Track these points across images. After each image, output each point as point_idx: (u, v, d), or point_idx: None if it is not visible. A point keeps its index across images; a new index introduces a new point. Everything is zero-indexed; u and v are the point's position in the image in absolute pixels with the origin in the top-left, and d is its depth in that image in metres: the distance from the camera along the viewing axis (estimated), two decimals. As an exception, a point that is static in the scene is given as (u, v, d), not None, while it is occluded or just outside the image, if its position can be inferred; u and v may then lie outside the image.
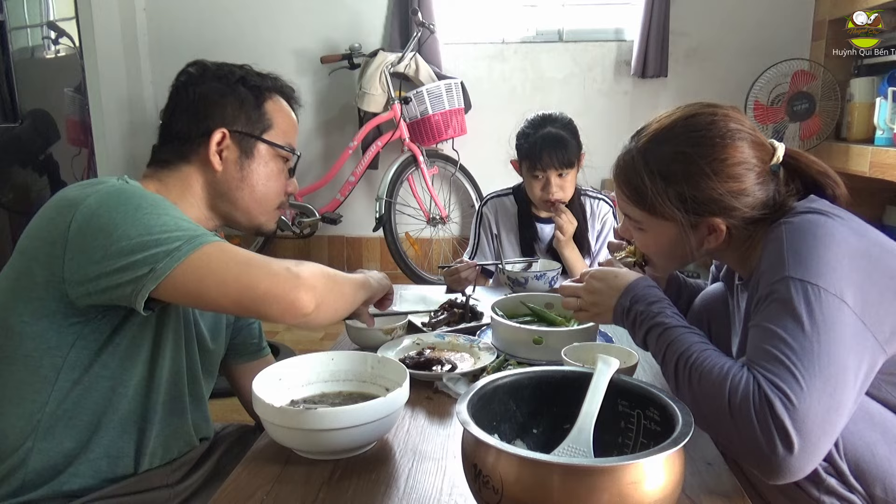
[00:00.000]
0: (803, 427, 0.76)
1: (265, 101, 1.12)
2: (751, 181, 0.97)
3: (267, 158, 1.10)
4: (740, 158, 0.96)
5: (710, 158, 0.95)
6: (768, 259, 0.90)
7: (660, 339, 0.92)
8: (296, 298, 0.88)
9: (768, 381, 0.78)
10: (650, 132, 1.01)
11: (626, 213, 1.07)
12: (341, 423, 0.88)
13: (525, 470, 0.67)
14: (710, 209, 0.97)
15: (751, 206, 0.97)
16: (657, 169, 0.98)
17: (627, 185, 1.03)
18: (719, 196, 0.96)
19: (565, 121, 1.92)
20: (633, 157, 1.01)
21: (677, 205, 0.97)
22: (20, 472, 0.97)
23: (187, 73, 1.11)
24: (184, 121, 1.08)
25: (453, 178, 3.75)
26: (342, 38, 3.76)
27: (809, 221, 0.90)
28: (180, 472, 1.11)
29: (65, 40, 3.28)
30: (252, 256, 0.91)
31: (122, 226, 0.88)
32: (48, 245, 0.91)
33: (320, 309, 0.91)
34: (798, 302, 0.82)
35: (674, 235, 1.01)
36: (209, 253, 0.89)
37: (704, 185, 0.96)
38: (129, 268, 0.87)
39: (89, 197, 0.92)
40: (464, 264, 1.78)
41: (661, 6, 3.51)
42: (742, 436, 0.79)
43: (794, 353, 0.79)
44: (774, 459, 0.77)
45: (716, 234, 0.99)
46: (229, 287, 0.88)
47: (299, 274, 0.89)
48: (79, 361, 0.97)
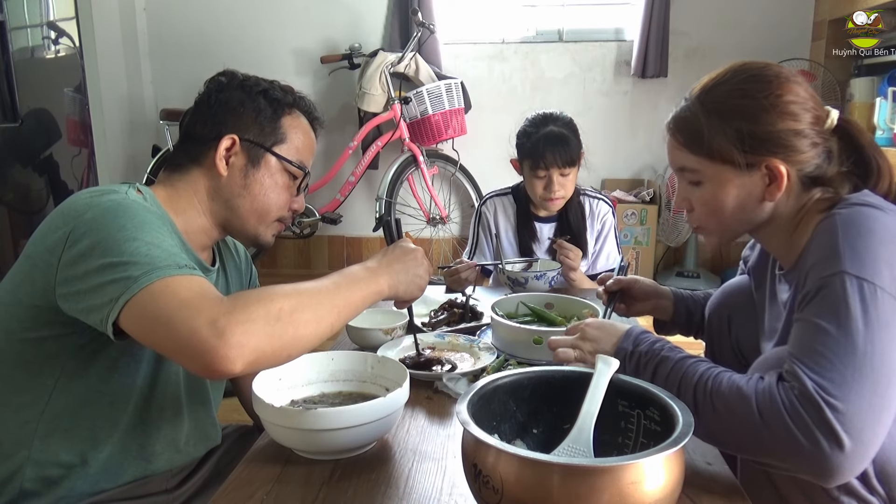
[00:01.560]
0: (853, 426, 0.74)
1: (283, 116, 1.11)
2: (807, 122, 0.94)
3: (273, 171, 1.10)
4: (796, 97, 0.94)
5: (767, 93, 0.94)
6: (820, 250, 0.87)
7: (670, 375, 0.89)
8: (212, 361, 0.76)
9: (814, 381, 0.76)
10: (704, 82, 1.00)
11: (683, 166, 1.02)
12: (341, 423, 0.88)
13: (525, 470, 0.67)
14: (769, 147, 0.93)
15: (807, 158, 0.94)
16: (713, 108, 0.96)
17: (683, 132, 1.00)
18: (777, 132, 0.93)
19: (566, 119, 1.92)
20: (689, 105, 1.00)
21: (735, 143, 0.94)
22: (15, 481, 0.97)
23: (216, 80, 1.12)
24: (200, 124, 1.09)
25: (453, 178, 3.75)
26: (342, 38, 3.76)
27: (865, 215, 0.87)
28: (179, 476, 1.11)
29: (65, 40, 3.28)
30: (187, 301, 0.80)
31: (102, 247, 0.86)
32: (47, 253, 0.91)
33: (260, 362, 0.80)
34: (853, 299, 0.79)
35: (733, 185, 0.97)
36: (154, 290, 0.81)
37: (762, 119, 0.93)
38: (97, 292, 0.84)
39: (89, 210, 0.91)
40: (464, 264, 1.78)
41: (661, 6, 3.51)
42: (782, 444, 0.76)
43: (846, 352, 0.77)
44: (822, 459, 0.74)
45: (776, 184, 0.95)
46: (157, 332, 0.80)
47: (224, 331, 0.76)
48: (76, 372, 0.97)
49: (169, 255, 0.86)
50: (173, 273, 0.83)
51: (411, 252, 1.02)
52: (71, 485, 0.99)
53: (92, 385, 0.98)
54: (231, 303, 0.80)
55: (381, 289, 0.95)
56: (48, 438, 0.97)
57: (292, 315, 0.82)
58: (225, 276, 1.22)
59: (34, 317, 0.94)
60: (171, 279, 0.82)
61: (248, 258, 1.33)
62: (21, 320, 0.95)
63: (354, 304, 0.91)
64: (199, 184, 1.08)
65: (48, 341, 0.95)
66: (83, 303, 0.86)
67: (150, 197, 1.03)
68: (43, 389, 0.97)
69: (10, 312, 0.96)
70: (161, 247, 0.87)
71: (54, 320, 0.92)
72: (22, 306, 0.95)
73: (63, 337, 0.94)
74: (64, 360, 0.96)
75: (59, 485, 0.98)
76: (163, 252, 0.86)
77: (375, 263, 0.98)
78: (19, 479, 0.97)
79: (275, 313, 0.80)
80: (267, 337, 0.79)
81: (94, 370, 0.98)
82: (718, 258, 3.85)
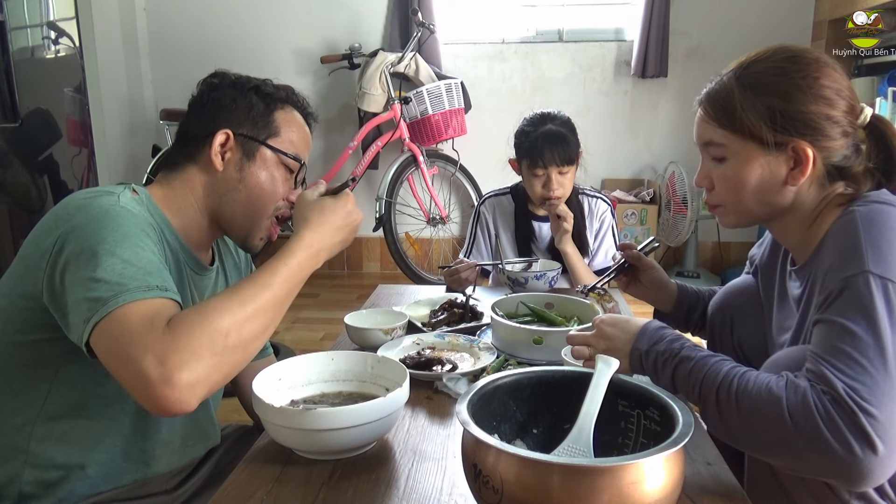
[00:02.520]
0: (887, 431, 0.72)
1: (276, 110, 1.12)
2: (840, 110, 0.93)
3: (269, 164, 1.10)
4: (833, 83, 0.93)
5: (804, 74, 0.93)
6: (839, 248, 0.86)
7: (691, 375, 0.86)
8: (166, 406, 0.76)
9: (845, 385, 0.75)
10: (741, 59, 1.00)
11: (710, 139, 1.00)
12: (341, 423, 0.88)
13: (525, 470, 0.67)
14: (798, 128, 0.92)
15: (836, 146, 0.93)
16: (748, 83, 0.95)
17: (714, 105, 0.99)
18: (809, 113, 0.92)
19: (564, 118, 1.93)
20: (726, 79, 0.99)
21: (766, 119, 0.93)
22: (14, 485, 0.97)
23: (208, 81, 1.13)
24: (195, 123, 1.10)
25: (453, 178, 3.75)
26: (342, 38, 3.76)
27: (886, 213, 0.85)
28: (179, 476, 1.11)
29: (65, 40, 3.28)
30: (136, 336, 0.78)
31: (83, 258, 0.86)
32: (39, 256, 0.91)
33: (213, 390, 0.81)
34: (880, 300, 0.78)
35: (758, 164, 0.96)
36: (115, 318, 0.80)
37: (796, 98, 0.92)
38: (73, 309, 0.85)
39: (78, 215, 0.91)
40: (464, 264, 1.78)
41: (661, 6, 3.51)
42: (813, 448, 0.74)
43: (875, 354, 0.76)
44: (855, 464, 0.72)
45: (801, 168, 0.93)
46: (112, 367, 0.80)
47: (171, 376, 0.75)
48: (70, 375, 0.97)
49: (142, 274, 0.85)
50: (137, 297, 0.82)
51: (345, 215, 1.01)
52: (70, 487, 0.98)
53: (88, 388, 0.98)
54: (173, 336, 0.78)
55: (318, 265, 0.97)
56: (45, 441, 0.97)
57: (241, 333, 0.82)
58: (224, 276, 1.22)
59: (27, 319, 0.94)
60: (131, 305, 0.81)
61: (248, 257, 1.33)
62: (15, 322, 0.95)
63: (294, 290, 0.92)
64: (195, 181, 1.09)
65: (42, 344, 0.95)
66: (65, 318, 0.87)
67: (146, 198, 1.03)
68: (38, 392, 0.96)
69: (5, 314, 0.96)
70: (136, 264, 0.86)
71: (47, 323, 0.92)
72: (16, 308, 0.95)
73: (56, 340, 0.93)
74: (58, 364, 0.96)
75: (58, 487, 0.98)
76: (136, 270, 0.85)
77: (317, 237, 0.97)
78: (18, 483, 0.97)
79: (221, 339, 0.80)
80: (216, 367, 0.80)
81: (89, 373, 0.97)
82: (718, 258, 3.85)
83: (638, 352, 0.92)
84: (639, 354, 0.92)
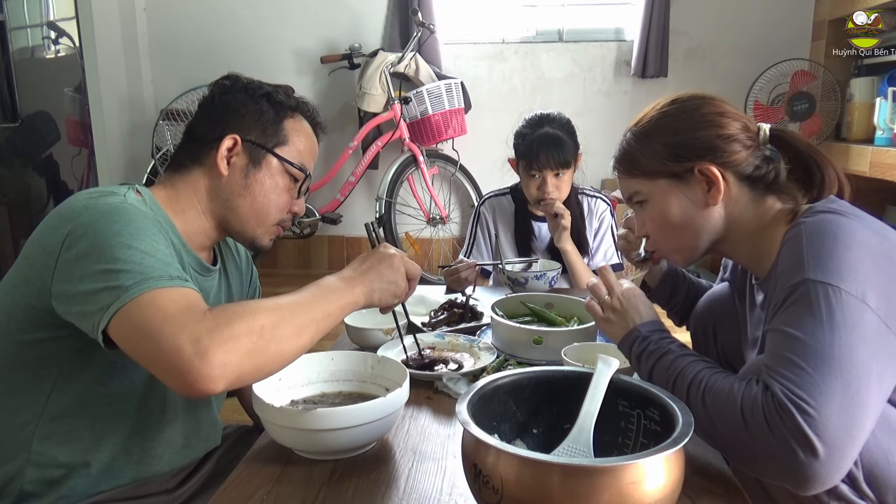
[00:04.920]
0: (826, 432, 0.73)
1: (285, 118, 1.12)
2: (735, 129, 0.99)
3: (274, 172, 1.10)
4: (715, 109, 1.00)
5: (685, 108, 1.02)
6: (786, 260, 0.89)
7: (669, 369, 0.90)
8: (194, 381, 0.76)
9: (784, 388, 0.76)
10: (636, 118, 1.09)
11: (627, 191, 1.08)
12: (341, 423, 0.88)
13: (525, 470, 0.67)
14: (696, 153, 0.99)
15: (740, 158, 0.98)
16: (641, 133, 1.05)
17: (621, 162, 1.08)
18: (700, 139, 0.99)
19: (563, 120, 1.92)
20: (625, 139, 1.08)
21: (664, 156, 1.01)
22: (16, 483, 0.97)
23: (220, 83, 1.13)
24: (203, 125, 1.10)
25: (453, 178, 3.75)
26: (342, 38, 3.76)
27: (829, 222, 0.88)
28: (179, 476, 1.10)
29: (65, 40, 3.28)
30: (171, 316, 0.79)
31: (97, 251, 0.86)
32: (45, 255, 0.91)
33: (241, 380, 0.80)
34: (818, 305, 0.80)
35: (674, 196, 1.01)
36: (141, 302, 0.80)
37: (683, 129, 1.00)
38: (89, 299, 0.84)
39: (87, 213, 0.91)
40: (463, 264, 1.78)
41: (661, 6, 3.51)
42: (761, 449, 0.77)
43: (814, 357, 0.77)
44: (798, 467, 0.74)
45: (716, 188, 0.98)
46: (142, 346, 0.80)
47: (206, 351, 0.76)
48: (73, 374, 0.97)
49: (162, 265, 0.86)
50: (164, 284, 0.83)
51: (387, 258, 0.99)
52: (71, 485, 0.99)
53: (90, 387, 0.98)
54: (214, 319, 0.79)
55: (357, 299, 0.94)
56: (48, 440, 0.97)
57: (274, 331, 0.81)
58: (226, 277, 1.22)
59: (31, 318, 0.94)
60: (159, 291, 0.82)
61: (249, 258, 1.33)
62: (18, 322, 0.95)
63: (332, 315, 0.90)
64: (199, 183, 1.09)
65: (45, 343, 0.95)
66: (76, 307, 0.86)
67: (149, 199, 1.03)
68: (41, 391, 0.96)
69: (8, 314, 0.96)
70: (154, 255, 0.87)
71: (50, 322, 0.92)
72: (19, 308, 0.94)
73: (60, 339, 0.94)
74: (61, 363, 0.96)
75: (60, 486, 0.98)
76: (156, 261, 0.86)
77: (351, 272, 0.96)
78: (20, 482, 0.97)
79: (257, 331, 0.80)
80: (249, 354, 0.79)
81: (91, 372, 0.97)
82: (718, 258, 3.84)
83: (637, 333, 0.98)
84: (636, 336, 0.98)
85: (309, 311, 0.87)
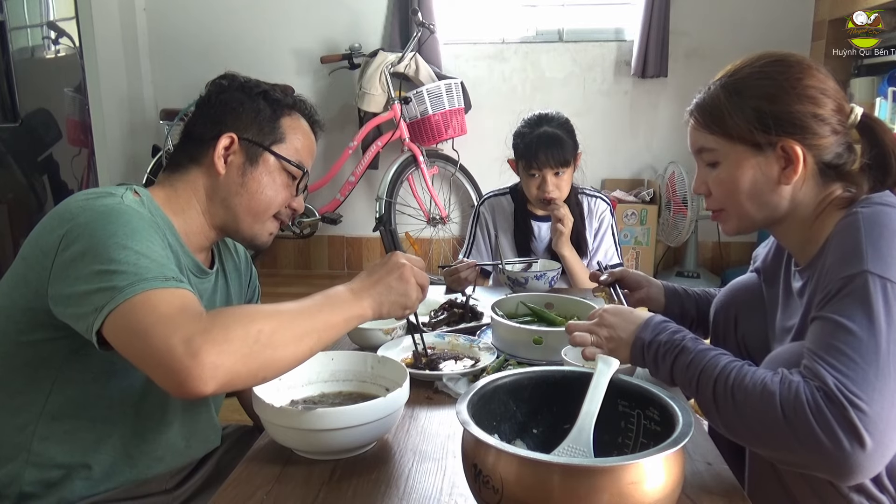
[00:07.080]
0: (876, 426, 0.73)
1: (282, 116, 1.12)
2: (828, 109, 0.94)
3: (272, 169, 1.10)
4: (818, 83, 0.95)
5: (787, 75, 0.95)
6: (842, 248, 0.87)
7: (690, 366, 0.87)
8: (184, 380, 0.74)
9: (836, 380, 0.76)
10: (728, 68, 1.02)
11: (701, 146, 1.02)
12: (341, 423, 0.88)
13: (525, 470, 0.67)
14: (786, 127, 0.94)
15: (826, 143, 0.94)
16: (734, 88, 0.98)
17: (703, 112, 1.01)
18: (795, 113, 0.93)
19: (562, 120, 1.93)
20: (713, 87, 1.01)
21: (753, 121, 0.95)
22: (15, 484, 0.97)
23: (217, 82, 1.13)
24: (200, 124, 1.10)
25: (453, 178, 3.76)
26: (342, 38, 3.76)
27: (887, 215, 0.86)
28: (179, 476, 1.11)
29: (65, 40, 3.28)
30: (165, 316, 0.78)
31: (93, 252, 0.86)
32: (42, 255, 0.90)
33: (234, 384, 0.78)
34: (876, 299, 0.79)
35: (749, 166, 0.97)
36: (135, 303, 0.80)
37: (780, 99, 0.94)
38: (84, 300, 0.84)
39: (83, 214, 0.91)
40: (463, 264, 1.78)
41: (661, 6, 3.51)
42: (804, 442, 0.75)
43: (868, 351, 0.77)
44: (843, 458, 0.73)
45: (792, 167, 0.95)
46: (134, 346, 0.79)
47: (198, 351, 0.74)
48: (72, 375, 0.97)
49: (157, 266, 0.85)
50: (158, 286, 0.82)
51: (398, 270, 0.95)
52: (71, 486, 0.99)
53: (89, 388, 0.98)
54: (210, 321, 0.78)
55: (365, 312, 0.92)
56: (47, 441, 0.97)
57: (271, 337, 0.80)
58: (224, 278, 1.22)
59: (29, 319, 0.94)
60: (154, 292, 0.81)
61: (248, 259, 1.33)
62: (16, 322, 0.95)
63: (336, 326, 0.88)
64: (197, 183, 1.09)
65: (43, 344, 0.95)
66: (71, 309, 0.86)
67: (147, 199, 1.03)
68: (40, 392, 0.96)
69: (6, 314, 0.96)
70: (150, 257, 0.86)
71: (48, 323, 0.92)
72: (17, 308, 0.94)
73: (57, 340, 0.94)
74: (59, 364, 0.96)
75: (59, 487, 0.98)
76: (151, 262, 0.86)
77: (359, 284, 0.94)
78: (19, 483, 0.97)
79: (253, 335, 0.79)
80: (242, 358, 0.78)
81: (90, 373, 0.97)
82: (718, 258, 3.84)
83: (641, 341, 0.94)
84: (642, 344, 0.94)
85: (310, 320, 0.86)
